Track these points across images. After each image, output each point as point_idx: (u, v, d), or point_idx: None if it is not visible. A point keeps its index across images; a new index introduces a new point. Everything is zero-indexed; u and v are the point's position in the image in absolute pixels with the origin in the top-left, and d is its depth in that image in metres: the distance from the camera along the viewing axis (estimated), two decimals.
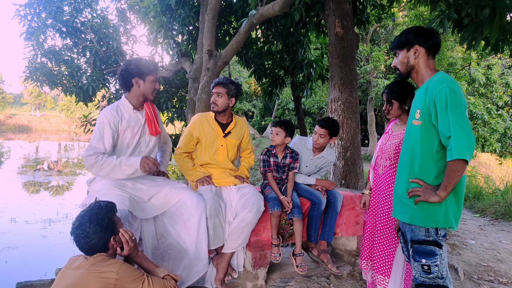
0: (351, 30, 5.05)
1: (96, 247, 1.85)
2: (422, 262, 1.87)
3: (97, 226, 1.83)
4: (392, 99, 2.48)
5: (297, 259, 2.91)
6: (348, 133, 4.86)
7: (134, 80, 2.50)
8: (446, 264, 1.88)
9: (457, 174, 1.74)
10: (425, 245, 1.86)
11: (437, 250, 1.85)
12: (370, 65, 14.13)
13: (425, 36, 1.94)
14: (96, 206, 1.91)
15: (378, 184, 2.55)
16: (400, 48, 2.00)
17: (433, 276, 1.85)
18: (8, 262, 6.34)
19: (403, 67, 2.00)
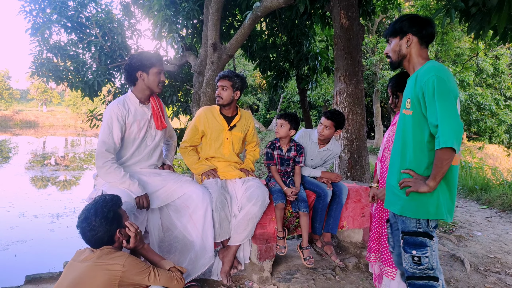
0: (357, 21, 5.00)
1: (102, 240, 1.87)
2: (412, 253, 1.85)
3: (103, 219, 1.85)
4: (397, 92, 2.46)
5: (304, 252, 2.92)
6: (353, 126, 4.84)
7: (138, 73, 2.49)
8: (437, 255, 1.87)
9: (445, 162, 1.71)
10: (415, 237, 1.84)
11: (428, 241, 1.83)
12: (376, 57, 13.99)
13: (420, 25, 1.89)
14: (101, 199, 1.92)
15: (385, 176, 2.54)
16: (393, 36, 1.96)
17: (423, 268, 1.84)
18: (18, 256, 6.43)
19: (395, 55, 1.97)
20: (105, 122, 2.42)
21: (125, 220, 1.95)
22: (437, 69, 1.78)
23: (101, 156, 2.35)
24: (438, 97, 1.72)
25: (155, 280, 1.88)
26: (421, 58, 1.91)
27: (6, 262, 6.18)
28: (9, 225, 7.91)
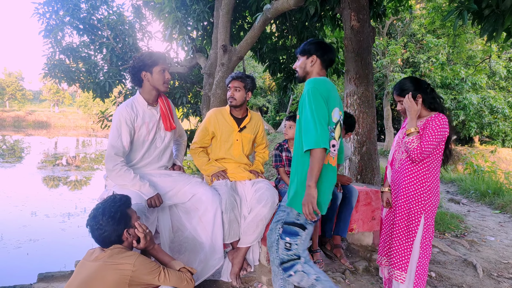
0: (367, 23, 4.98)
1: (109, 239, 1.88)
2: (286, 240, 2.09)
3: (110, 219, 1.86)
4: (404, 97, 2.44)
5: (314, 255, 2.91)
6: (364, 128, 4.81)
7: (142, 74, 2.49)
8: (305, 245, 2.11)
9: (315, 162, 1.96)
10: (292, 226, 2.08)
11: (301, 231, 2.08)
12: (386, 59, 13.90)
13: (323, 50, 2.19)
14: (110, 199, 1.94)
15: (395, 178, 2.52)
16: (302, 54, 2.25)
17: (291, 253, 2.08)
18: (30, 254, 6.52)
19: (301, 71, 2.25)
20: (114, 125, 2.44)
21: (134, 220, 1.96)
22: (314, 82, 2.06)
23: (111, 159, 2.37)
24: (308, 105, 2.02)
25: (165, 280, 1.89)
26: (319, 76, 2.20)
27: (18, 260, 6.27)
28: (22, 224, 8.03)
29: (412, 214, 2.37)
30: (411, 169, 2.38)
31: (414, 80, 2.42)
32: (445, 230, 4.81)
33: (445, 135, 2.29)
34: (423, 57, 13.65)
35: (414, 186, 2.35)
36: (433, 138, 2.26)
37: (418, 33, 14.09)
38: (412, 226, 2.36)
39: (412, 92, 2.38)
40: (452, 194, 7.84)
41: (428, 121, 2.34)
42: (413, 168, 2.38)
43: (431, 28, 11.32)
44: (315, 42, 2.22)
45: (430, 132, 2.28)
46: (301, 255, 2.10)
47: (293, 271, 2.07)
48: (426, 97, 2.38)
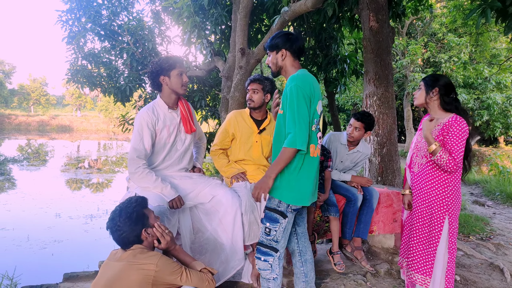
0: (386, 24, 4.92)
1: (128, 239, 1.92)
2: (266, 225, 2.18)
3: (127, 219, 1.90)
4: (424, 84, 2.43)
5: (334, 257, 2.89)
6: (384, 129, 4.75)
7: (161, 79, 2.54)
8: (285, 233, 2.18)
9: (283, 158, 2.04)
10: (273, 212, 2.16)
11: (281, 219, 2.15)
12: (406, 59, 13.67)
13: (291, 41, 2.19)
14: (127, 200, 1.99)
15: (414, 182, 2.48)
16: (271, 50, 2.26)
17: (270, 238, 2.18)
18: (54, 255, 6.68)
19: (273, 66, 2.28)
20: (136, 129, 2.49)
21: (151, 220, 2.00)
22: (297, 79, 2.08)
23: (133, 162, 2.42)
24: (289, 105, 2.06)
25: (187, 280, 1.92)
26: (294, 68, 2.23)
27: (44, 261, 6.44)
28: (46, 225, 8.24)
29: (435, 217, 2.32)
30: (432, 174, 2.34)
31: (441, 78, 2.39)
32: (470, 233, 4.69)
33: (466, 137, 2.24)
34: (445, 57, 13.35)
35: (437, 190, 2.31)
36: (460, 146, 2.21)
37: (439, 32, 13.79)
38: (435, 229, 2.32)
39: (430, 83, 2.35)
40: (476, 196, 7.63)
41: (447, 126, 2.29)
42: (434, 173, 2.34)
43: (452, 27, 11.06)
44: (281, 35, 2.23)
45: (455, 141, 2.22)
46: (279, 249, 2.19)
47: (264, 258, 2.20)
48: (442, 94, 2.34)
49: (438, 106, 2.36)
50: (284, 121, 2.14)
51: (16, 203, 9.99)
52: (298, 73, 2.15)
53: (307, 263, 2.35)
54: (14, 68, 50.97)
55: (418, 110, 18.88)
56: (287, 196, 2.12)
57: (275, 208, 2.16)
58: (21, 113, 48.74)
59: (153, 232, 1.99)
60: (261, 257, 2.21)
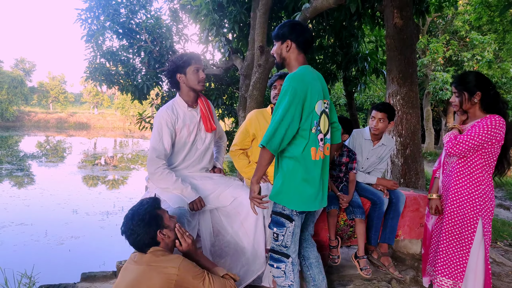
0: (411, 21, 4.76)
1: (144, 242, 1.86)
2: (273, 230, 2.11)
3: (140, 222, 1.85)
4: (461, 90, 2.27)
5: (360, 262, 2.78)
6: (407, 129, 4.59)
7: (178, 76, 2.49)
8: (294, 237, 2.10)
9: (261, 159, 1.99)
10: (279, 217, 2.08)
11: (287, 223, 2.06)
12: (427, 58, 13.35)
13: (297, 32, 2.06)
14: (139, 203, 1.94)
15: (445, 183, 2.35)
16: (277, 40, 2.13)
17: (279, 244, 2.11)
18: (71, 251, 6.75)
19: (278, 57, 2.16)
20: (155, 129, 2.43)
21: (166, 220, 1.94)
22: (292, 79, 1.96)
23: (153, 162, 2.37)
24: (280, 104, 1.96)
25: (209, 285, 1.85)
26: (297, 62, 2.10)
27: (61, 257, 6.52)
28: (64, 221, 8.35)
29: (467, 219, 2.19)
30: (464, 172, 2.21)
31: (478, 76, 2.24)
32: (497, 239, 4.50)
33: (495, 137, 2.10)
34: (467, 55, 12.98)
35: (468, 189, 2.18)
36: (474, 136, 2.10)
37: (462, 30, 13.42)
38: (467, 231, 2.19)
39: (471, 88, 2.21)
40: (500, 200, 7.38)
41: (478, 122, 2.17)
42: (465, 170, 2.21)
43: (476, 24, 10.71)
44: (288, 24, 2.10)
45: (474, 130, 2.11)
46: (290, 254, 2.11)
47: (276, 265, 2.13)
48: (486, 97, 2.20)
49: (479, 109, 2.23)
50: None
51: (35, 198, 10.16)
52: (298, 71, 2.03)
53: (312, 266, 2.28)
54: (34, 66, 52.06)
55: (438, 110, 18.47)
56: (290, 201, 2.04)
57: (281, 212, 2.08)
58: (40, 110, 49.83)
59: (169, 233, 1.92)
60: (274, 264, 2.14)
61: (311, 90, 1.98)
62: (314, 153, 2.03)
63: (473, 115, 2.28)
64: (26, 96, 47.13)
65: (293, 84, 1.95)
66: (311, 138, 2.02)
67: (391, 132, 4.68)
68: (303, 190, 2.02)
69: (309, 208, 2.07)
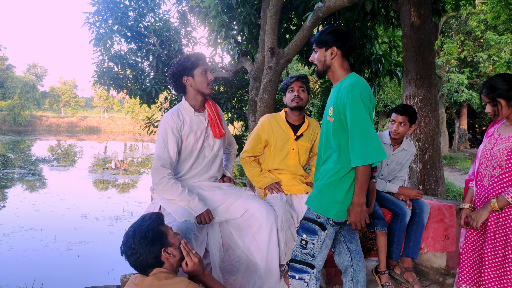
0: (429, 19, 4.55)
1: (147, 262, 1.67)
2: (302, 237, 1.99)
3: (142, 240, 1.66)
4: (496, 98, 2.06)
5: (382, 278, 2.58)
6: (426, 133, 4.38)
7: (184, 80, 2.34)
8: (323, 248, 1.97)
9: (363, 178, 1.85)
10: (311, 223, 1.98)
11: (319, 231, 1.96)
12: (441, 59, 13.04)
13: (343, 39, 1.98)
14: (140, 219, 1.76)
15: (483, 196, 2.14)
16: (320, 46, 2.03)
17: (306, 252, 1.98)
18: (80, 257, 6.67)
19: (320, 65, 2.05)
20: (160, 135, 2.28)
21: (170, 238, 1.75)
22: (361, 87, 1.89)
23: (157, 172, 2.21)
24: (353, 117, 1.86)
25: None
26: (343, 69, 2.02)
27: (70, 263, 6.43)
28: (73, 226, 8.31)
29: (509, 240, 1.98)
30: (505, 187, 2.00)
31: (508, 78, 2.03)
32: None
33: None
34: (483, 56, 12.64)
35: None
36: None
37: (477, 30, 13.09)
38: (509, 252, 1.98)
39: (507, 94, 2.00)
40: None
41: None
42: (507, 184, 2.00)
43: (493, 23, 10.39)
44: (333, 30, 2.00)
45: None
46: (316, 265, 1.99)
47: (298, 276, 1.99)
48: None
49: None
50: (334, 130, 1.96)
51: (45, 203, 10.16)
52: (356, 80, 1.96)
53: (358, 285, 2.10)
54: (46, 71, 52.87)
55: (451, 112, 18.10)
56: (330, 210, 1.93)
57: (314, 219, 1.97)
58: (52, 115, 50.47)
59: (174, 252, 1.74)
60: (296, 275, 1.99)
61: (372, 99, 1.97)
62: None
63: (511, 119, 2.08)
64: (38, 100, 47.78)
65: (361, 92, 1.88)
66: None
67: (409, 136, 4.47)
68: (343, 197, 1.93)
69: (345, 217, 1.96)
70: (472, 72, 13.88)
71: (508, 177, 2.01)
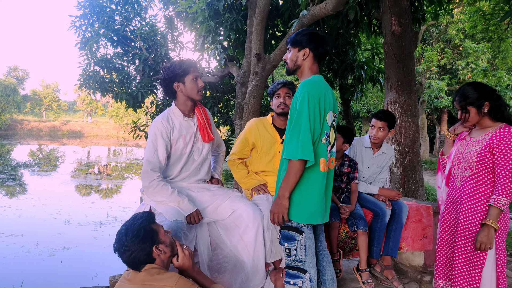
0: (409, 28, 4.74)
1: (139, 259, 1.76)
2: (285, 246, 2.04)
3: (134, 238, 1.75)
4: (466, 106, 2.19)
5: (362, 275, 2.68)
6: (406, 138, 4.54)
7: (175, 85, 2.38)
8: (308, 250, 2.02)
9: (291, 172, 1.89)
10: (288, 230, 2.02)
11: (297, 235, 2.00)
12: (422, 66, 13.42)
13: (317, 42, 2.03)
14: (132, 218, 1.84)
15: (456, 196, 2.27)
16: (293, 46, 2.09)
17: (292, 259, 2.03)
18: (63, 262, 6.57)
19: (291, 64, 2.11)
20: (150, 140, 2.33)
21: (161, 235, 1.84)
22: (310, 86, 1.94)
23: (147, 175, 2.26)
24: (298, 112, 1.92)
25: None
26: (311, 71, 2.08)
27: (53, 269, 6.33)
28: (56, 232, 8.17)
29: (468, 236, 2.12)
30: (478, 188, 2.14)
31: (479, 87, 2.17)
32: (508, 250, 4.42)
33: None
34: (462, 63, 13.08)
35: (483, 206, 2.10)
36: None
37: (456, 38, 13.54)
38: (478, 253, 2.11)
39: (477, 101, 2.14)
40: None
41: (496, 136, 2.09)
42: (480, 187, 2.13)
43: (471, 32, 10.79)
44: (308, 33, 2.06)
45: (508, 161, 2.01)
46: (307, 269, 2.03)
47: (293, 282, 2.05)
48: (493, 106, 2.13)
49: (488, 118, 2.16)
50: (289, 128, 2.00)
51: (26, 209, 9.96)
52: (311, 79, 2.00)
53: (326, 284, 2.18)
54: (27, 74, 51.77)
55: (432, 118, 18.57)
56: (295, 214, 1.98)
57: (289, 225, 2.02)
58: (33, 119, 49.43)
59: (165, 249, 1.82)
60: (290, 280, 2.05)
61: (323, 98, 1.96)
62: (323, 164, 1.98)
63: (481, 125, 2.21)
64: (19, 104, 46.76)
65: (309, 90, 1.92)
66: (322, 149, 1.97)
67: (390, 140, 4.62)
68: (310, 202, 1.96)
69: (313, 221, 1.99)
70: (452, 79, 14.32)
71: (478, 177, 2.15)
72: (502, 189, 2.01)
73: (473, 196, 2.15)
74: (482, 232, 2.05)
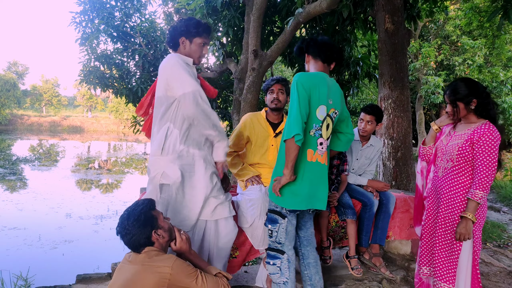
0: (402, 26, 4.85)
1: (139, 242, 1.90)
2: (268, 227, 2.24)
3: (135, 222, 1.88)
4: (456, 101, 2.31)
5: (351, 262, 2.83)
6: (399, 133, 4.67)
7: (181, 40, 2.30)
8: (288, 234, 2.21)
9: (287, 150, 2.05)
10: (273, 214, 2.23)
11: (280, 219, 2.20)
12: (419, 62, 13.50)
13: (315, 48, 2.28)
14: (134, 204, 1.98)
15: (437, 186, 2.41)
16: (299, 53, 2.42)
17: (273, 240, 2.23)
18: (65, 255, 6.71)
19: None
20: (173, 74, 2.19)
21: (160, 221, 1.98)
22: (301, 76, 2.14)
23: None
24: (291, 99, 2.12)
25: (202, 284, 1.88)
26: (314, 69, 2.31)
27: (55, 261, 6.48)
28: (57, 225, 8.30)
29: (455, 226, 2.25)
30: (458, 179, 2.27)
31: (469, 83, 2.28)
32: (486, 240, 4.58)
33: (497, 147, 2.16)
34: (459, 59, 13.16)
35: (462, 196, 2.24)
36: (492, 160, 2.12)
37: (453, 34, 13.61)
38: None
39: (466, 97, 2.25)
40: (491, 202, 7.48)
41: (477, 131, 2.20)
42: (460, 178, 2.27)
43: (467, 29, 10.87)
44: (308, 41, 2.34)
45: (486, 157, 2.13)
46: (285, 251, 2.21)
47: (272, 262, 2.23)
48: (480, 103, 2.24)
49: (473, 114, 2.28)
50: None
51: (28, 203, 10.08)
52: (305, 72, 2.24)
53: (310, 266, 2.35)
54: (27, 69, 51.69)
55: (430, 113, 18.66)
56: (281, 199, 2.17)
57: (274, 209, 2.23)
58: (34, 114, 49.44)
59: (164, 233, 1.96)
60: (270, 261, 2.25)
61: (315, 90, 2.12)
62: (311, 155, 2.14)
63: (466, 119, 2.32)
64: (19, 99, 46.73)
65: (299, 79, 2.12)
66: (310, 140, 2.14)
67: (383, 135, 4.75)
68: (295, 189, 2.13)
69: (298, 207, 2.15)
70: (449, 75, 14.40)
71: (458, 169, 2.28)
72: (479, 183, 2.14)
73: (453, 187, 2.28)
74: (461, 224, 2.18)
